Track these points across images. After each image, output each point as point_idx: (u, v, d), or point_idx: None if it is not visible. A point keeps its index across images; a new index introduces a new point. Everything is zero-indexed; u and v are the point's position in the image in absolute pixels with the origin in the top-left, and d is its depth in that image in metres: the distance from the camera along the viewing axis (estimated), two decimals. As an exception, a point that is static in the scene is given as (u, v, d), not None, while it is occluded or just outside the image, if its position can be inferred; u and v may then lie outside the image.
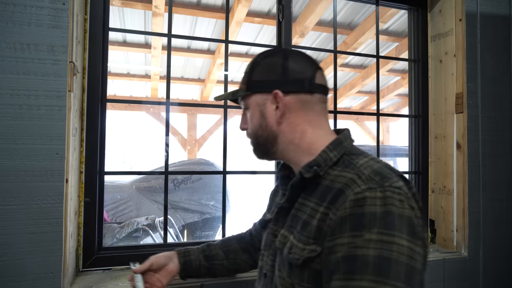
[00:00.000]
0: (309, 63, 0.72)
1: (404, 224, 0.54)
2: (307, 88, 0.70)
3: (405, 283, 0.50)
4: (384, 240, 0.52)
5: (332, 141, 0.69)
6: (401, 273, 0.50)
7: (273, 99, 0.70)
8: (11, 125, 0.99)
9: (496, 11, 1.63)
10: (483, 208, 1.56)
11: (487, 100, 1.59)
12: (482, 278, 1.56)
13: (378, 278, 0.50)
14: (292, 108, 0.70)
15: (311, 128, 0.71)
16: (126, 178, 4.17)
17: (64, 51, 1.04)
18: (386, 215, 0.54)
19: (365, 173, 0.61)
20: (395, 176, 0.61)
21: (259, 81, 0.71)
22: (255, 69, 0.73)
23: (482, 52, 1.58)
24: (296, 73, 0.70)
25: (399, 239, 0.52)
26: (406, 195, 0.58)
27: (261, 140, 0.73)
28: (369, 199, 0.56)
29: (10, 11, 1.00)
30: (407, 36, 1.83)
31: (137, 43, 4.00)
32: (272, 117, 0.70)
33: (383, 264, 0.50)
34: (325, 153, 0.67)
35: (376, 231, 0.53)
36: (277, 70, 0.70)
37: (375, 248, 0.52)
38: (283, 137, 0.71)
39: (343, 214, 0.57)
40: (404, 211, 0.55)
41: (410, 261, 0.52)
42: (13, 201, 0.98)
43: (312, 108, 0.71)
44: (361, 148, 0.73)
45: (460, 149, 1.57)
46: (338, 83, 5.68)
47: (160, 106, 5.92)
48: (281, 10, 1.52)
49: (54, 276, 1.00)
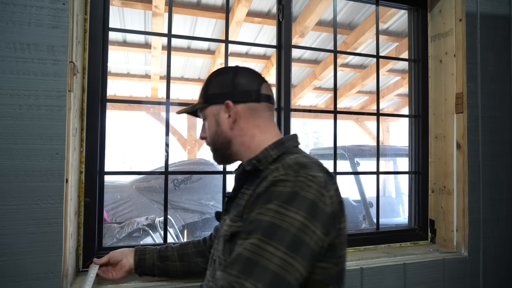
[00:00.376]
0: (255, 77, 0.84)
1: (305, 204, 0.62)
2: (254, 98, 0.81)
3: (287, 249, 0.58)
4: (279, 211, 0.61)
5: (275, 141, 0.80)
6: (285, 239, 0.58)
7: (225, 108, 0.81)
8: (11, 125, 0.99)
9: (496, 11, 1.63)
10: (483, 208, 1.56)
11: (487, 100, 1.59)
12: (482, 278, 1.56)
13: (264, 238, 0.59)
14: (242, 115, 0.81)
15: (259, 132, 0.82)
16: (126, 178, 4.17)
17: (64, 51, 1.04)
18: (291, 194, 0.63)
19: (288, 163, 0.70)
20: (317, 169, 0.69)
21: (213, 94, 0.83)
22: (210, 84, 0.85)
23: (482, 52, 1.58)
24: (244, 86, 0.81)
25: (294, 214, 0.61)
26: (319, 184, 0.65)
27: (218, 145, 0.84)
28: (282, 181, 0.65)
29: (10, 11, 1.00)
30: (407, 36, 1.83)
31: (137, 43, 3.99)
32: (225, 124, 0.82)
33: (272, 229, 0.60)
34: (266, 150, 0.78)
35: (276, 203, 0.62)
36: (228, 84, 0.82)
37: (270, 216, 0.61)
38: (235, 141, 0.82)
39: (259, 191, 0.67)
40: (309, 194, 0.63)
41: (299, 233, 0.59)
42: (13, 201, 0.98)
43: (260, 115, 0.82)
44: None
45: (460, 149, 1.57)
46: (338, 83, 5.68)
47: (160, 106, 5.92)
48: (281, 10, 1.53)
49: (54, 276, 1.00)
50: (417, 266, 1.46)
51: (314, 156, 3.63)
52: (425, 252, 1.57)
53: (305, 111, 5.10)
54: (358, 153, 3.92)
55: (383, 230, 1.69)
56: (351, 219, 3.95)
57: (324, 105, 6.80)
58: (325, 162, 0.75)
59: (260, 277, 0.55)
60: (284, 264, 0.57)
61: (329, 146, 4.85)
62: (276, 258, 0.57)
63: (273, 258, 0.57)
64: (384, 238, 1.66)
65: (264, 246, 0.58)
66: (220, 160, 0.88)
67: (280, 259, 0.57)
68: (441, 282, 1.49)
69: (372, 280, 1.39)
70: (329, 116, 4.38)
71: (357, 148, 3.98)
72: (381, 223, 1.74)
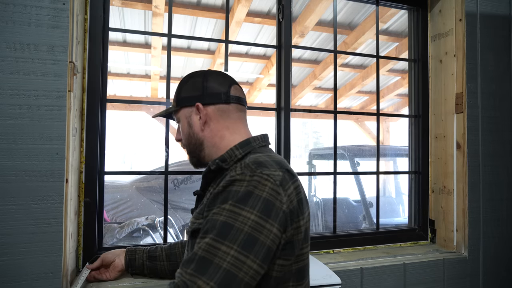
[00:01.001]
0: (224, 79, 0.86)
1: (259, 203, 0.64)
2: (223, 99, 0.83)
3: (240, 247, 0.60)
4: (233, 211, 0.63)
5: (241, 141, 0.81)
6: (238, 239, 0.60)
7: (196, 110, 0.83)
8: (11, 125, 0.99)
9: (496, 11, 1.63)
10: (483, 208, 1.56)
11: (487, 100, 1.59)
12: (482, 278, 1.56)
13: (217, 238, 0.61)
14: (212, 117, 0.83)
15: (229, 133, 0.84)
16: (126, 178, 4.17)
17: (64, 51, 1.04)
18: (245, 193, 0.65)
19: (246, 162, 0.72)
20: (275, 167, 0.70)
21: (185, 97, 0.85)
22: (182, 88, 0.87)
23: (482, 52, 1.58)
24: (214, 88, 0.84)
25: (247, 213, 0.63)
26: (274, 182, 0.67)
27: (192, 147, 0.86)
28: (238, 181, 0.67)
29: (10, 11, 1.00)
30: (407, 36, 1.83)
31: (137, 43, 3.99)
32: (197, 125, 0.84)
33: (225, 228, 0.62)
34: (231, 150, 0.79)
35: (230, 203, 0.64)
36: (198, 86, 0.84)
37: (224, 216, 0.63)
38: (207, 142, 0.84)
39: (217, 191, 0.69)
40: (263, 193, 0.65)
41: (252, 232, 0.61)
42: (13, 201, 0.98)
43: (229, 116, 0.84)
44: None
45: (460, 149, 1.57)
46: (338, 83, 5.68)
47: (160, 106, 5.92)
48: (281, 10, 1.52)
49: (54, 276, 1.00)
50: (417, 266, 1.46)
51: (314, 156, 3.61)
52: (425, 252, 1.57)
53: (305, 111, 5.10)
54: (358, 153, 3.92)
55: (383, 230, 1.69)
56: (351, 219, 3.95)
57: (324, 105, 6.80)
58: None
59: (212, 275, 0.58)
60: (236, 262, 0.59)
61: (329, 146, 4.85)
62: (229, 256, 0.59)
63: (226, 257, 0.59)
64: (384, 238, 1.66)
65: (217, 245, 0.60)
66: (195, 162, 0.89)
67: (232, 257, 0.59)
68: (441, 282, 1.49)
69: (372, 280, 1.39)
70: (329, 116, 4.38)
71: (357, 148, 3.98)
72: (381, 223, 1.74)
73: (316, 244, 1.53)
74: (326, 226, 3.88)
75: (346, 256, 1.50)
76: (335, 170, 1.62)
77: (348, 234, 1.62)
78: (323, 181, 4.49)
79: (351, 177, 3.99)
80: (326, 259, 1.44)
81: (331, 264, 1.38)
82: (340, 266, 1.37)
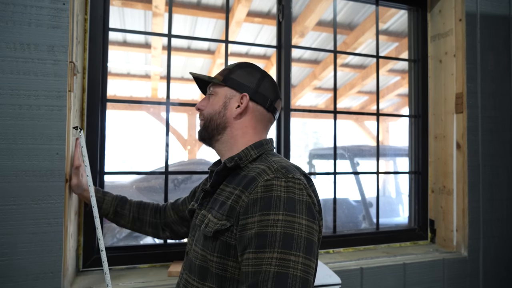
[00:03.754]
0: (276, 90, 0.89)
1: (303, 207, 0.68)
2: (267, 105, 0.86)
3: (304, 253, 0.63)
4: (287, 220, 0.65)
5: (255, 142, 0.84)
6: (301, 245, 0.64)
7: (239, 98, 0.84)
8: (11, 125, 0.99)
9: (496, 11, 1.63)
10: (483, 208, 1.56)
11: (487, 100, 1.59)
12: (482, 278, 1.56)
13: (284, 250, 0.63)
14: (249, 113, 0.85)
15: (253, 132, 0.86)
16: (126, 178, 4.16)
17: (64, 51, 1.04)
18: (289, 200, 0.68)
19: (275, 166, 0.74)
20: (298, 172, 0.75)
21: (236, 80, 0.85)
22: (237, 70, 0.87)
23: (482, 52, 1.58)
24: (266, 91, 0.86)
25: (299, 219, 0.66)
26: (305, 185, 0.72)
27: (213, 124, 0.86)
28: (275, 186, 0.69)
29: (10, 11, 1.00)
30: (407, 36, 1.83)
31: (137, 43, 3.99)
32: (232, 110, 0.84)
33: (287, 239, 0.64)
34: (247, 150, 0.82)
35: (281, 213, 0.66)
36: (253, 80, 0.86)
37: (281, 227, 0.65)
38: (230, 130, 0.85)
39: (254, 197, 0.70)
40: (303, 197, 0.69)
41: (308, 235, 0.66)
42: (13, 201, 0.98)
43: (261, 121, 0.87)
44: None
45: (460, 149, 1.57)
46: (338, 83, 5.68)
47: (160, 106, 5.92)
48: (281, 10, 1.53)
49: (54, 276, 1.00)
50: (417, 266, 1.46)
51: (314, 156, 3.63)
52: (425, 252, 1.57)
53: (305, 111, 5.09)
54: (358, 153, 3.92)
55: (383, 230, 1.69)
56: (351, 219, 3.94)
57: (324, 105, 6.80)
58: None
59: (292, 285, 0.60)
60: (306, 268, 0.63)
61: (329, 146, 4.85)
62: (299, 265, 0.62)
63: (297, 266, 0.62)
64: (384, 238, 1.66)
65: (287, 257, 0.62)
66: (203, 136, 0.89)
67: (303, 265, 0.63)
68: (441, 282, 1.49)
69: (372, 280, 1.39)
70: (329, 116, 4.38)
71: (357, 148, 3.98)
72: (381, 223, 1.74)
73: (316, 244, 1.53)
74: (326, 226, 3.87)
75: (346, 256, 1.50)
76: (335, 170, 1.62)
77: (348, 234, 1.62)
78: (323, 181, 4.49)
79: (351, 177, 3.99)
80: (326, 259, 1.44)
81: (331, 264, 1.38)
82: (340, 266, 1.37)
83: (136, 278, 1.16)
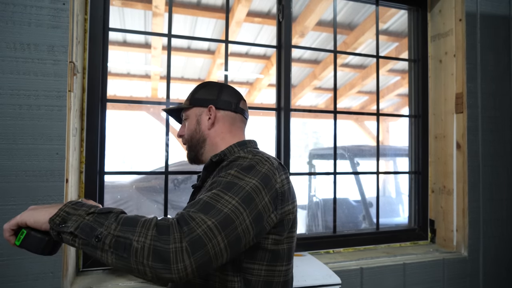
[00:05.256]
0: (236, 93, 0.99)
1: (259, 175, 0.74)
2: (233, 108, 0.96)
3: (240, 200, 0.68)
4: (237, 176, 0.72)
5: (239, 142, 0.93)
6: (240, 194, 0.69)
7: (207, 111, 0.94)
8: (11, 125, 0.99)
9: (496, 11, 1.63)
10: (483, 208, 1.56)
11: (487, 100, 1.59)
12: (482, 278, 1.56)
13: (222, 190, 0.69)
14: (220, 120, 0.94)
15: (230, 135, 0.95)
16: (126, 178, 4.16)
17: (64, 51, 1.04)
18: (248, 165, 0.75)
19: (246, 151, 0.85)
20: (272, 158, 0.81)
21: (199, 99, 0.96)
22: (198, 91, 0.98)
23: (482, 52, 1.58)
24: (227, 97, 0.96)
25: (249, 179, 0.72)
26: (272, 164, 0.78)
27: (194, 142, 0.96)
28: (241, 158, 0.79)
29: (10, 11, 1.00)
30: (407, 36, 1.83)
31: (137, 43, 3.99)
32: (205, 124, 0.94)
33: (229, 185, 0.70)
34: (231, 147, 0.91)
35: (235, 170, 0.74)
36: (213, 93, 0.96)
37: (230, 177, 0.73)
38: (209, 140, 0.95)
39: (222, 165, 0.80)
40: (263, 169, 0.75)
41: (252, 192, 0.70)
42: (13, 201, 0.98)
43: (233, 123, 0.96)
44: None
45: (460, 149, 1.57)
46: (338, 83, 5.67)
47: (160, 106, 5.92)
48: (281, 10, 1.53)
49: (54, 276, 1.00)
50: (417, 266, 1.46)
51: (314, 156, 3.63)
52: (425, 252, 1.57)
53: (305, 111, 5.09)
54: (358, 153, 3.92)
55: (383, 230, 1.69)
56: (351, 219, 3.94)
57: (324, 105, 6.80)
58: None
59: (214, 215, 0.64)
60: (236, 211, 0.67)
61: (329, 146, 4.85)
62: (230, 205, 0.67)
63: (227, 205, 0.67)
64: (384, 238, 1.66)
65: (221, 195, 0.68)
66: (193, 157, 0.98)
67: (233, 206, 0.67)
68: (441, 282, 1.49)
69: (372, 280, 1.39)
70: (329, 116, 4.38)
71: (357, 148, 3.98)
72: (381, 223, 1.74)
73: (316, 244, 1.53)
74: (326, 226, 3.88)
75: (346, 256, 1.50)
76: (335, 170, 1.62)
77: (348, 234, 1.62)
78: (323, 181, 4.49)
79: (351, 177, 3.99)
80: (326, 259, 1.44)
81: (331, 264, 1.38)
82: (340, 266, 1.37)
83: (136, 278, 1.16)
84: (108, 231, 0.60)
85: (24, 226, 0.64)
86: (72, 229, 0.60)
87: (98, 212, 0.62)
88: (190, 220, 0.62)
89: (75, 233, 0.60)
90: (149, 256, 0.58)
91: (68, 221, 0.61)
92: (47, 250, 0.64)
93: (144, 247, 0.58)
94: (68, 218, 0.61)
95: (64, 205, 0.63)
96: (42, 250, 0.64)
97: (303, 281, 1.13)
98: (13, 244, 0.65)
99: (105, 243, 0.59)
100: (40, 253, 0.64)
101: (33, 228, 0.64)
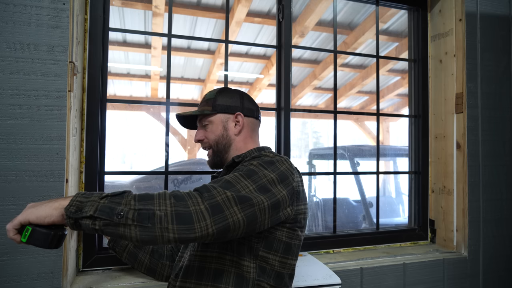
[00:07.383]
0: (253, 101, 1.07)
1: (278, 171, 0.80)
2: (255, 115, 1.04)
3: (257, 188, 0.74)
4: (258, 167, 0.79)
5: (257, 147, 1.00)
6: (258, 182, 0.75)
7: (234, 118, 1.00)
8: (11, 125, 0.99)
9: (496, 11, 1.63)
10: (483, 208, 1.56)
11: (487, 100, 1.59)
12: (482, 278, 1.56)
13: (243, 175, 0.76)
14: (245, 126, 1.01)
15: (251, 141, 1.02)
16: (126, 178, 4.16)
17: (64, 51, 1.04)
18: (269, 161, 0.82)
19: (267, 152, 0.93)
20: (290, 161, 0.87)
21: (223, 105, 1.00)
22: (218, 97, 1.01)
23: (482, 52, 1.58)
24: (249, 105, 1.03)
25: (268, 172, 0.79)
26: (291, 165, 0.85)
27: (221, 147, 1.00)
28: (263, 155, 0.88)
29: (10, 11, 1.00)
30: (407, 36, 1.83)
31: (137, 43, 3.99)
32: (232, 130, 1.00)
33: (250, 173, 0.77)
34: (251, 150, 0.98)
35: (257, 161, 0.82)
36: (237, 100, 1.02)
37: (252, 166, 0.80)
38: (234, 145, 1.00)
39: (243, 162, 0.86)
40: (282, 167, 0.82)
41: (269, 183, 0.76)
42: (13, 201, 0.98)
43: (254, 128, 1.04)
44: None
45: (460, 149, 1.57)
46: (338, 83, 5.68)
47: (160, 106, 5.92)
48: (281, 10, 1.52)
49: (54, 276, 1.00)
50: (417, 266, 1.46)
51: (314, 156, 3.63)
52: (425, 252, 1.57)
53: (305, 111, 5.10)
54: (358, 153, 3.92)
55: (383, 230, 1.69)
56: (351, 219, 3.94)
57: (324, 105, 6.80)
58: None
59: (233, 191, 0.71)
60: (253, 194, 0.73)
61: (329, 146, 4.85)
62: (247, 189, 0.73)
63: (245, 188, 0.73)
64: (384, 238, 1.66)
65: (241, 179, 0.75)
66: (217, 162, 1.01)
67: (250, 190, 0.73)
68: (441, 282, 1.49)
69: (372, 280, 1.39)
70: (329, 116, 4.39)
71: (357, 148, 3.98)
72: (381, 223, 1.74)
73: (316, 244, 1.53)
74: (326, 226, 3.88)
75: (346, 256, 1.50)
76: (335, 170, 1.62)
77: (348, 234, 1.62)
78: (323, 181, 4.49)
79: (351, 177, 3.98)
80: (326, 259, 1.44)
81: (331, 264, 1.38)
82: (340, 266, 1.37)
83: (136, 278, 1.16)
84: (128, 207, 0.63)
85: (27, 224, 0.66)
86: (91, 212, 0.62)
87: (111, 195, 0.66)
88: (212, 188, 0.70)
89: (95, 215, 0.62)
90: (173, 220, 0.63)
91: (84, 208, 0.63)
92: (53, 243, 0.66)
93: (167, 213, 0.64)
94: (83, 206, 0.63)
95: (74, 196, 0.66)
96: (49, 244, 0.66)
97: (303, 281, 1.13)
98: (19, 242, 0.66)
99: (128, 218, 0.62)
100: (47, 247, 0.66)
101: (36, 224, 0.65)
